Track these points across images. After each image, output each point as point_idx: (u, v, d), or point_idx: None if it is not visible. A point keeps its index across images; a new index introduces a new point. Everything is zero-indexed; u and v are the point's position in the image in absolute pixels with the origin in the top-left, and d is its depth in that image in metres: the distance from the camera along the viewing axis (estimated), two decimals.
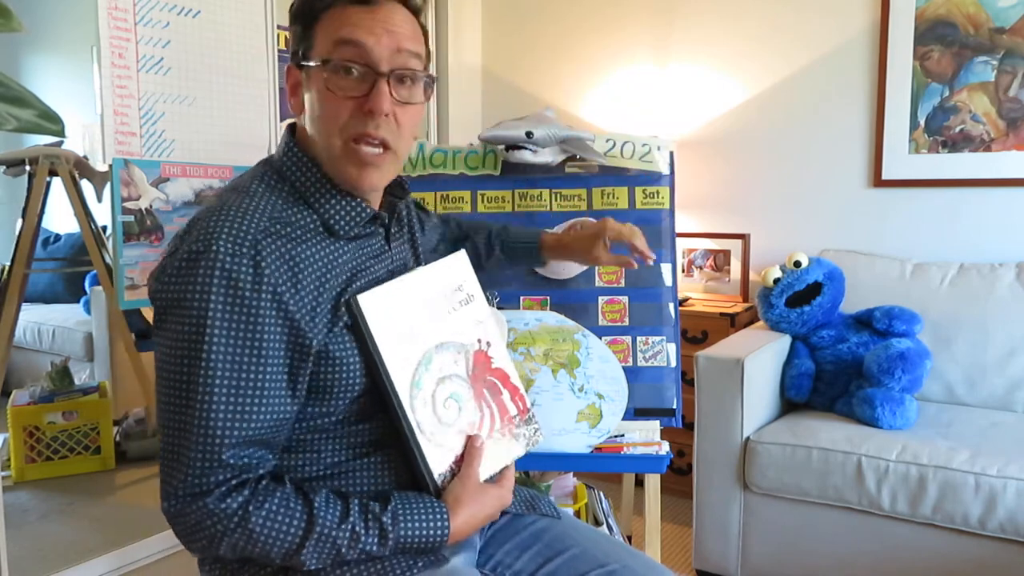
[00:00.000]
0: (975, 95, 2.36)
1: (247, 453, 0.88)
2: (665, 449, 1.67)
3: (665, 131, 2.83)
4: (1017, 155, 2.32)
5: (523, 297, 1.76)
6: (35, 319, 3.76)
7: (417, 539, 0.93)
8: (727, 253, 2.77)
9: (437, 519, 0.94)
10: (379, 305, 0.96)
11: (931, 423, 1.99)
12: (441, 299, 1.03)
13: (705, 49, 2.80)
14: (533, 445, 1.10)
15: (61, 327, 3.68)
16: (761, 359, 2.10)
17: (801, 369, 2.19)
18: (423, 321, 1.00)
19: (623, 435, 1.70)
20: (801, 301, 2.24)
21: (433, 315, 1.01)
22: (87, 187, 2.79)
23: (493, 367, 1.07)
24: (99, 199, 2.78)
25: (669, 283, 1.75)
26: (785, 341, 2.26)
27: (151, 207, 1.95)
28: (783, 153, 2.69)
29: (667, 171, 1.77)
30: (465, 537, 0.98)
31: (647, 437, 1.70)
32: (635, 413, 1.71)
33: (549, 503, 1.16)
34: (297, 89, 0.99)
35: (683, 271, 2.83)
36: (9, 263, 2.76)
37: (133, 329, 2.80)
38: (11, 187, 3.28)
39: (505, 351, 1.09)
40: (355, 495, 0.94)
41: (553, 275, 1.75)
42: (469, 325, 1.05)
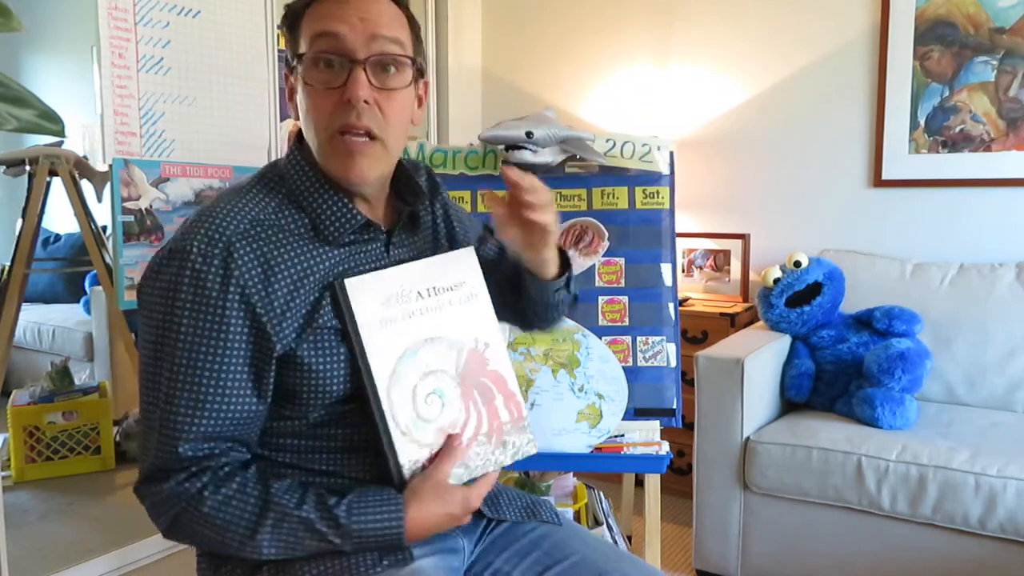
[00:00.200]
0: (975, 95, 2.36)
1: (208, 447, 0.90)
2: (665, 449, 1.67)
3: (665, 131, 2.83)
4: (1017, 155, 2.32)
5: None
6: (35, 319, 3.76)
7: (371, 531, 0.91)
8: (727, 253, 2.77)
9: (390, 510, 0.91)
10: (366, 290, 0.95)
11: (931, 423, 1.99)
12: (439, 293, 1.01)
13: (705, 49, 2.80)
14: (523, 456, 1.05)
15: (61, 327, 3.68)
16: (761, 359, 2.10)
17: (801, 369, 2.19)
18: (414, 312, 0.98)
19: (623, 435, 1.70)
20: (801, 301, 2.24)
21: (428, 307, 0.99)
22: (87, 187, 2.79)
23: (489, 369, 1.03)
24: (99, 199, 2.78)
25: (669, 283, 1.75)
26: (785, 341, 2.26)
27: (151, 207, 1.95)
28: (783, 153, 2.69)
29: (667, 171, 1.77)
30: (424, 535, 0.94)
31: (647, 437, 1.70)
32: (635, 413, 1.71)
33: (550, 509, 1.13)
34: (293, 93, 0.99)
35: (683, 271, 2.83)
36: (9, 263, 2.76)
37: (133, 329, 2.79)
38: (11, 187, 3.28)
39: (506, 355, 1.05)
40: (317, 486, 0.94)
41: None
42: (467, 323, 1.02)
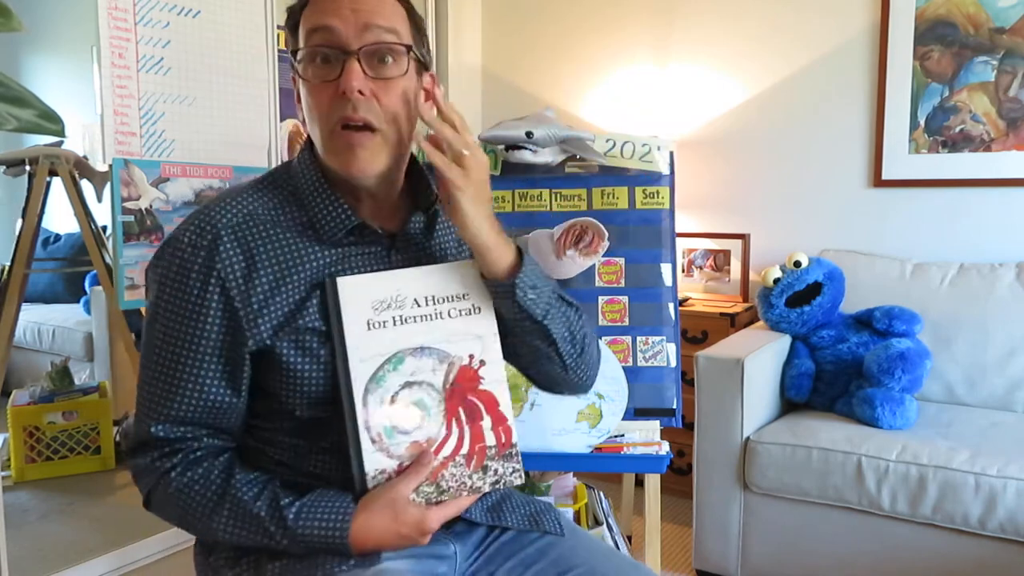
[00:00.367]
0: (975, 95, 2.36)
1: (182, 430, 0.94)
2: (665, 449, 1.67)
3: (665, 131, 2.83)
4: (1017, 155, 2.32)
5: None
6: (35, 319, 3.77)
7: (315, 537, 0.89)
8: (727, 253, 2.77)
9: (337, 519, 0.89)
10: (358, 290, 0.93)
11: (931, 423, 1.99)
12: (438, 302, 0.97)
13: (705, 49, 2.80)
14: (505, 485, 0.97)
15: (61, 327, 3.68)
16: (761, 359, 2.10)
17: (801, 369, 2.19)
18: (408, 319, 0.95)
19: (623, 435, 1.70)
20: (801, 301, 2.24)
21: (423, 316, 0.96)
22: (87, 187, 2.79)
23: (480, 388, 0.97)
24: (99, 199, 2.78)
25: (669, 283, 1.75)
26: (785, 341, 2.26)
27: (151, 207, 1.95)
28: (783, 153, 2.69)
29: (667, 171, 1.77)
30: (374, 548, 0.90)
31: (647, 437, 1.70)
32: (635, 413, 1.71)
33: (554, 519, 1.09)
34: (300, 95, 0.98)
35: (683, 271, 2.83)
36: (9, 263, 2.75)
37: (133, 329, 2.79)
38: (11, 187, 3.27)
39: (503, 377, 0.99)
40: (277, 481, 0.94)
41: (553, 275, 1.76)
42: (463, 337, 0.97)
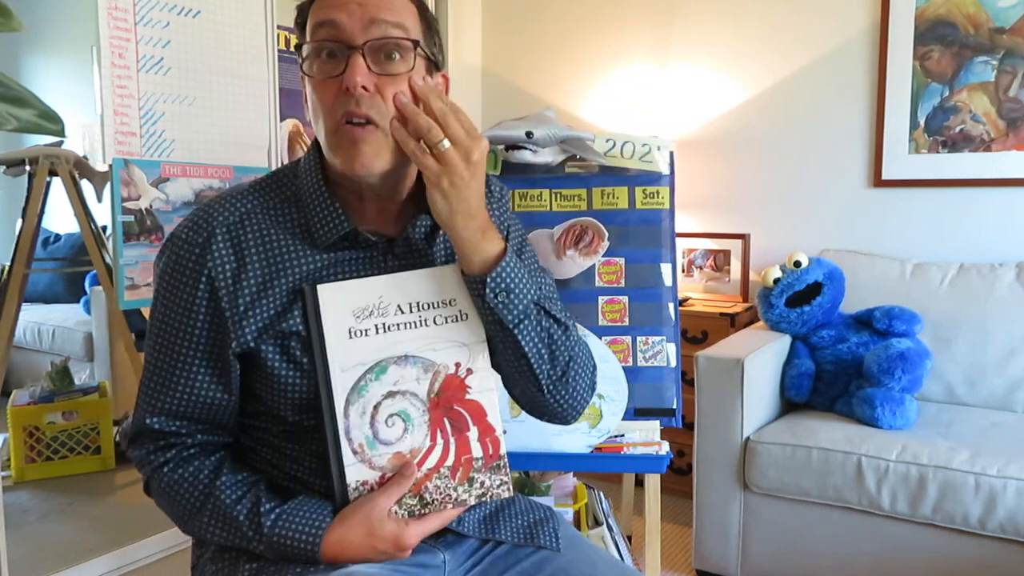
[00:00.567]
0: (975, 95, 2.36)
1: (177, 424, 0.95)
2: (665, 449, 1.67)
3: (665, 131, 2.83)
4: (1017, 155, 2.32)
5: None
6: (35, 319, 3.76)
7: (288, 545, 0.88)
8: (727, 253, 2.77)
9: (311, 529, 0.88)
10: (339, 296, 0.91)
11: (931, 423, 1.99)
12: (424, 309, 0.94)
13: (705, 49, 2.80)
14: (492, 498, 0.94)
15: (61, 327, 3.68)
16: (761, 359, 2.10)
17: (801, 369, 2.19)
18: (391, 326, 0.92)
19: (623, 435, 1.70)
20: (801, 301, 2.24)
21: (408, 323, 0.93)
22: (87, 187, 2.79)
23: (467, 398, 0.93)
24: (99, 199, 2.78)
25: (669, 283, 1.75)
26: (785, 341, 2.26)
27: (151, 207, 1.95)
28: (783, 153, 2.69)
29: (667, 171, 1.77)
30: (348, 559, 0.88)
31: (647, 437, 1.70)
32: (635, 413, 1.71)
33: (551, 532, 1.05)
34: (306, 94, 0.97)
35: (683, 271, 2.83)
36: (9, 263, 2.75)
37: (133, 329, 2.80)
38: (11, 187, 3.27)
39: (492, 386, 0.95)
40: (262, 485, 0.94)
41: (553, 275, 1.75)
42: (449, 344, 0.94)
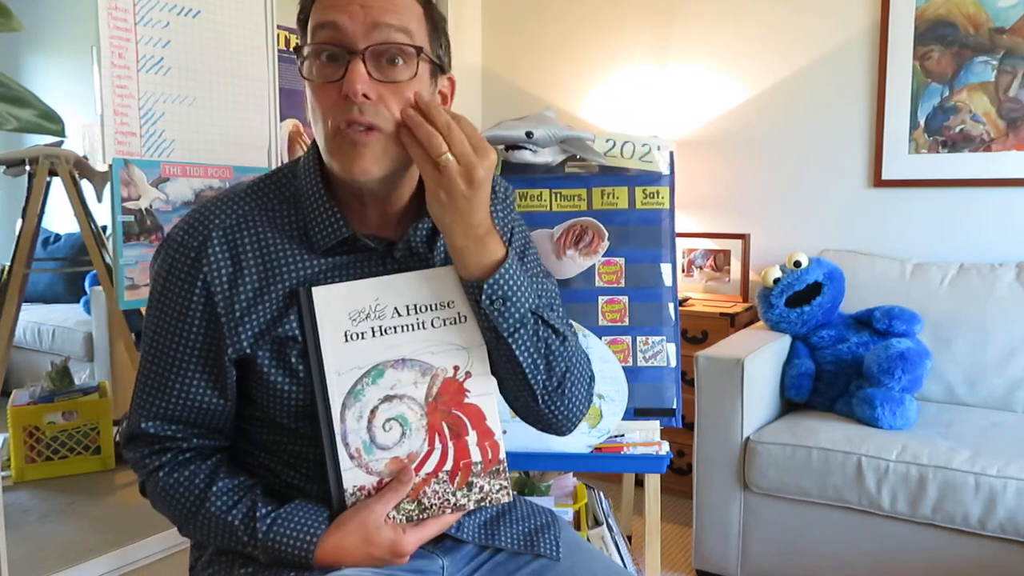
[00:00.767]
0: (975, 95, 2.36)
1: (172, 428, 0.94)
2: (665, 449, 1.67)
3: (665, 131, 2.83)
4: (1017, 155, 2.32)
5: None
6: (35, 319, 3.76)
7: (283, 550, 0.87)
8: (727, 253, 2.77)
9: (307, 535, 0.87)
10: (334, 300, 0.89)
11: (931, 423, 1.99)
12: (421, 311, 0.92)
13: (705, 49, 2.80)
14: (491, 503, 0.94)
15: (61, 327, 3.68)
16: (761, 359, 2.10)
17: (801, 369, 2.19)
18: (388, 329, 0.91)
19: (623, 435, 1.70)
20: (801, 301, 2.24)
21: (404, 326, 0.91)
22: (87, 187, 2.79)
23: (466, 402, 0.93)
24: (99, 199, 2.78)
25: (669, 283, 1.75)
26: (785, 341, 2.26)
27: (151, 207, 1.95)
28: (783, 153, 2.69)
29: (667, 171, 1.77)
30: (344, 565, 0.87)
31: (647, 437, 1.70)
32: (635, 413, 1.71)
33: (552, 540, 1.04)
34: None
35: (683, 271, 2.83)
36: (9, 263, 2.75)
37: (133, 329, 2.80)
38: (11, 187, 3.27)
39: (491, 390, 0.95)
40: (259, 489, 0.93)
41: (554, 275, 1.75)
42: (448, 348, 0.93)
